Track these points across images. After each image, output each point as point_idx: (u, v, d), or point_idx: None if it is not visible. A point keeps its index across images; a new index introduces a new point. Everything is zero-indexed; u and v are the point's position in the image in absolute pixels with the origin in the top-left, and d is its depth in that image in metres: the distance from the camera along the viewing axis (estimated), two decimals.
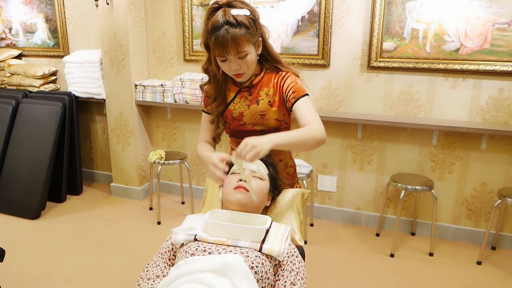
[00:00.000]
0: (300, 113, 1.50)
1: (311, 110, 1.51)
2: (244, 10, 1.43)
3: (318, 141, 1.44)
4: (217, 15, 1.41)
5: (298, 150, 1.43)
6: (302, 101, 1.52)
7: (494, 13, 2.58)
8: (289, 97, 1.54)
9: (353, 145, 3.13)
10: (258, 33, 1.49)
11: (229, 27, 1.39)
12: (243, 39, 1.41)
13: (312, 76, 3.09)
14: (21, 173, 3.42)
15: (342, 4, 2.91)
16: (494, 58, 2.65)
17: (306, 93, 1.55)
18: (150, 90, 3.40)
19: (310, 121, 1.47)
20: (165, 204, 3.60)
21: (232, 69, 1.49)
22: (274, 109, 1.57)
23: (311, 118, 1.48)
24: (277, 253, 1.32)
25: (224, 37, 1.39)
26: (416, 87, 2.88)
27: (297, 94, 1.53)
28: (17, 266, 2.62)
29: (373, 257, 2.80)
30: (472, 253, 2.84)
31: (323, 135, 1.45)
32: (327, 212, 3.33)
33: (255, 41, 1.48)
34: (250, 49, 1.46)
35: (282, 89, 1.56)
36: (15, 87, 3.93)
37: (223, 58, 1.46)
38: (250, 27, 1.43)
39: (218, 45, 1.41)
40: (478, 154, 2.84)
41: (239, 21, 1.40)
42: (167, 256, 1.43)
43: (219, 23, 1.40)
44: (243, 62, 1.47)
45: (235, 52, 1.43)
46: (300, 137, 1.41)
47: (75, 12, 3.71)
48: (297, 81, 1.57)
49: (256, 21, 1.48)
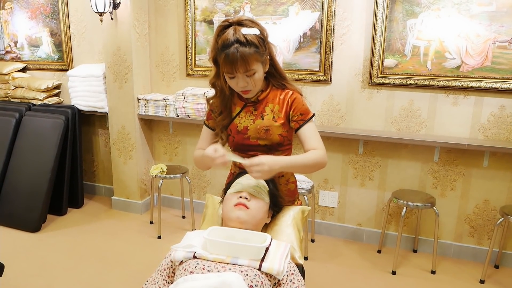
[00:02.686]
0: (305, 137, 1.58)
1: (316, 136, 1.59)
2: (254, 30, 1.46)
3: (319, 167, 1.56)
4: (227, 33, 1.44)
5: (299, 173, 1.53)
6: (309, 126, 1.59)
7: (494, 31, 2.60)
8: (296, 118, 1.58)
9: (355, 160, 3.13)
10: (266, 52, 1.52)
11: (239, 46, 1.42)
12: (252, 58, 1.44)
13: (314, 91, 3.11)
14: (22, 185, 3.42)
15: (343, 21, 2.94)
16: (495, 76, 2.66)
17: (313, 114, 1.61)
18: (152, 104, 3.42)
19: (315, 147, 1.56)
20: (166, 218, 3.59)
21: (240, 86, 1.52)
22: (278, 124, 1.59)
23: (316, 144, 1.57)
24: (277, 272, 1.31)
25: (234, 55, 1.42)
26: (417, 103, 2.89)
27: (304, 116, 1.59)
28: (17, 280, 2.61)
29: (375, 275, 2.77)
30: (475, 271, 2.81)
31: (325, 161, 1.56)
32: (328, 228, 3.31)
33: (263, 59, 1.51)
34: (258, 67, 1.49)
35: (290, 108, 1.59)
36: (19, 100, 3.96)
37: (232, 75, 1.49)
38: (259, 46, 1.46)
39: (227, 62, 1.44)
40: (480, 171, 2.84)
41: (249, 40, 1.43)
42: (166, 273, 1.42)
43: (229, 41, 1.43)
44: (251, 80, 1.50)
45: (244, 70, 1.45)
46: (304, 163, 1.52)
47: (79, 26, 3.76)
48: (304, 102, 1.61)
49: (265, 40, 1.51)
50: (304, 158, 1.52)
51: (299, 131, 1.59)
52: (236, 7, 3.19)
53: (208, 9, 3.28)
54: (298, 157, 1.53)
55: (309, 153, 1.54)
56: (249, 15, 3.15)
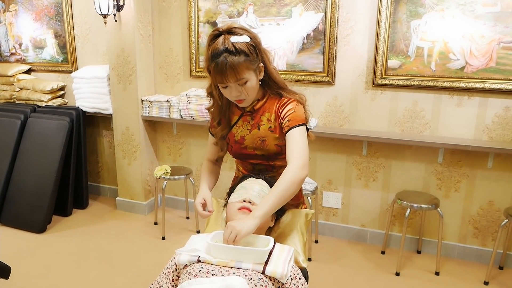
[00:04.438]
0: (288, 145, 1.50)
1: (298, 144, 1.47)
2: (244, 37, 1.43)
3: (299, 184, 1.43)
4: (217, 42, 1.42)
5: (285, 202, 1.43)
6: (294, 132, 1.49)
7: (499, 32, 2.59)
8: (283, 125, 1.53)
9: (358, 162, 3.13)
10: (258, 60, 1.48)
11: (228, 55, 1.39)
12: (242, 66, 1.41)
13: (317, 93, 3.11)
14: (28, 186, 3.45)
15: (347, 22, 2.94)
16: (499, 77, 2.65)
17: (302, 123, 1.52)
18: (156, 105, 3.43)
19: (291, 157, 1.46)
20: (170, 219, 3.60)
21: (233, 95, 1.49)
22: (275, 135, 1.56)
23: (295, 153, 1.46)
24: (280, 276, 1.31)
25: (223, 65, 1.40)
26: (421, 104, 2.88)
27: (291, 123, 1.50)
28: (22, 281, 2.63)
29: (378, 276, 2.77)
30: (479, 272, 2.80)
31: (302, 174, 1.43)
32: (332, 229, 3.31)
33: (255, 67, 1.47)
34: (250, 76, 1.46)
35: (280, 115, 1.55)
36: (24, 101, 3.99)
37: (223, 85, 1.47)
38: (249, 54, 1.43)
39: (217, 72, 1.42)
40: (484, 172, 2.83)
41: (238, 48, 1.40)
42: (170, 277, 1.43)
43: (218, 51, 1.41)
44: (243, 89, 1.47)
45: (234, 80, 1.43)
46: (283, 194, 1.40)
47: (83, 28, 3.77)
48: (296, 109, 1.53)
49: (257, 47, 1.47)
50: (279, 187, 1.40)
51: (286, 136, 1.52)
52: (239, 9, 3.19)
53: (211, 10, 3.29)
54: (273, 192, 1.41)
55: (280, 179, 1.42)
56: (252, 16, 3.15)
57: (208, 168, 1.76)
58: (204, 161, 1.80)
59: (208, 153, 1.79)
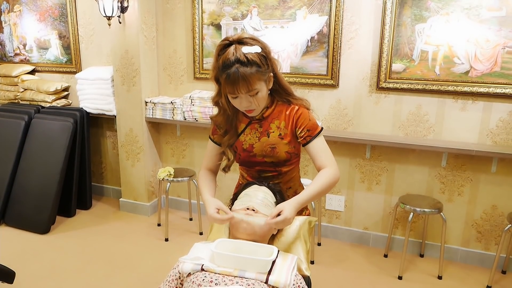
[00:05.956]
0: (315, 154, 1.56)
1: (326, 151, 1.57)
2: (255, 47, 1.42)
3: (334, 185, 1.56)
4: (228, 52, 1.41)
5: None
6: (317, 141, 1.56)
7: (504, 36, 2.58)
8: (303, 134, 1.55)
9: (362, 165, 3.13)
10: (269, 70, 1.48)
11: (240, 66, 1.39)
12: (254, 77, 1.41)
13: (321, 96, 3.10)
14: (32, 187, 3.46)
15: (351, 25, 2.93)
16: (504, 81, 2.64)
17: (321, 129, 1.59)
18: (160, 107, 3.44)
19: (326, 164, 1.54)
20: (173, 221, 3.61)
21: (243, 106, 1.49)
22: (285, 142, 1.57)
23: (327, 160, 1.55)
24: (283, 285, 1.32)
25: (234, 76, 1.39)
26: (425, 108, 2.87)
27: (312, 132, 1.56)
28: (26, 283, 2.64)
29: (381, 280, 2.77)
30: (482, 277, 2.80)
31: (337, 178, 1.55)
32: (334, 232, 3.31)
33: (266, 78, 1.47)
34: (261, 86, 1.46)
35: (296, 124, 1.56)
36: (28, 102, 4.00)
37: (234, 96, 1.46)
38: (261, 65, 1.42)
39: (229, 83, 1.41)
40: (488, 176, 2.82)
41: (250, 59, 1.39)
42: (174, 285, 1.44)
43: (230, 61, 1.39)
44: (254, 99, 1.47)
45: (246, 91, 1.42)
46: (320, 190, 1.50)
47: (88, 29, 3.78)
48: (310, 117, 1.57)
49: (267, 57, 1.47)
50: (319, 186, 1.49)
51: (308, 146, 1.56)
52: (243, 11, 3.19)
53: (215, 12, 3.29)
54: (313, 187, 1.49)
55: (321, 177, 1.50)
56: (256, 19, 3.15)
57: (207, 177, 1.70)
58: (202, 170, 1.73)
59: (207, 161, 1.73)
